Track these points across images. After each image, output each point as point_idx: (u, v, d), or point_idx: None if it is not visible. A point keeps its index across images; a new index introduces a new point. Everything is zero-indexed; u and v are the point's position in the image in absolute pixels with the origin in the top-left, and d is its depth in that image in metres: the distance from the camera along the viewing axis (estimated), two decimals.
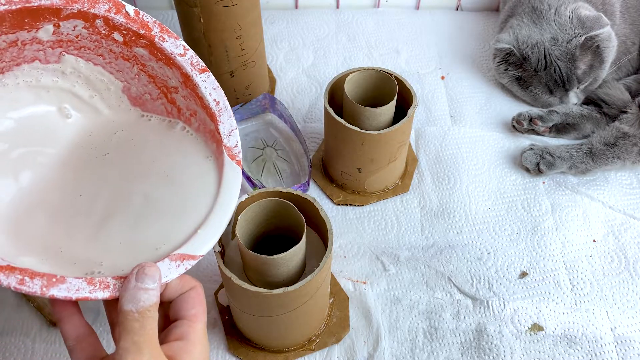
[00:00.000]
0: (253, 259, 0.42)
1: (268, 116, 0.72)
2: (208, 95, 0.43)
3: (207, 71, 0.43)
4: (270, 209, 0.45)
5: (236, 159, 0.43)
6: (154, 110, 0.46)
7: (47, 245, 0.39)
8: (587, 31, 0.65)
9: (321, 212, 0.45)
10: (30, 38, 0.40)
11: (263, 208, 0.44)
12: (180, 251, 0.38)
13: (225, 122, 0.43)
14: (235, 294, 0.44)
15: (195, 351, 0.36)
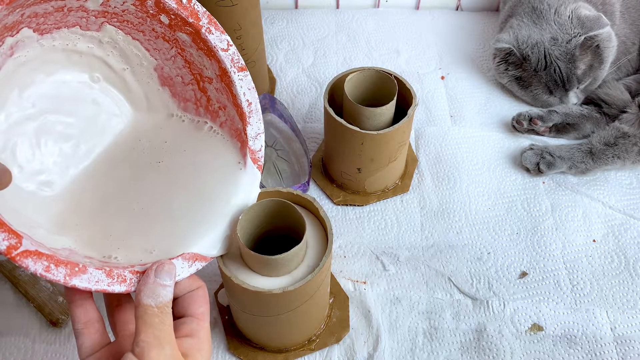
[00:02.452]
0: (254, 259, 0.42)
1: (268, 116, 0.71)
2: (242, 94, 0.43)
3: (246, 70, 0.43)
4: (271, 209, 0.45)
5: (258, 164, 0.43)
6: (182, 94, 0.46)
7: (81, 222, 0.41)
8: (586, 31, 0.65)
9: (321, 212, 0.45)
10: (78, 6, 0.40)
11: (264, 208, 0.44)
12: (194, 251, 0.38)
13: (254, 124, 0.43)
14: (235, 293, 0.44)
15: (205, 349, 0.37)
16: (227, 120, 0.45)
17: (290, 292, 0.41)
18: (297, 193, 0.46)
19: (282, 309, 0.44)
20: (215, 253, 0.40)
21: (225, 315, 0.53)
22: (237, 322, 0.52)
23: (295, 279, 0.43)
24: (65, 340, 0.53)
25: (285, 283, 0.42)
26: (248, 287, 0.41)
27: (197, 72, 0.45)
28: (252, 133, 0.43)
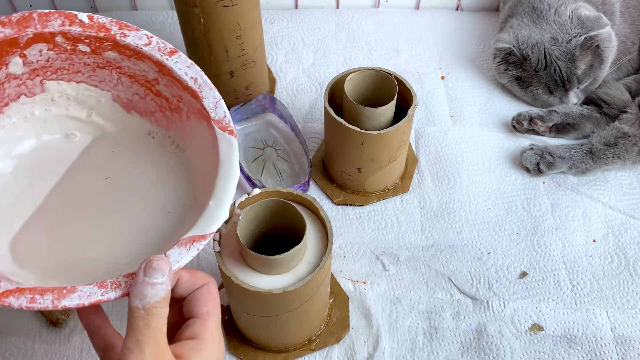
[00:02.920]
0: (254, 258, 0.42)
1: (268, 116, 0.72)
2: (184, 75, 0.42)
3: (177, 52, 0.43)
4: (271, 209, 0.45)
5: (228, 129, 0.42)
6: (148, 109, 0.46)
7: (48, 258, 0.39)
8: (586, 31, 0.65)
9: (321, 212, 0.45)
10: (5, 76, 0.40)
11: (264, 208, 0.45)
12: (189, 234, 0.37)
13: (208, 96, 0.42)
14: (235, 293, 0.44)
15: (206, 349, 0.35)
16: (189, 109, 0.44)
17: (290, 292, 0.41)
18: (297, 193, 0.46)
19: (282, 309, 0.44)
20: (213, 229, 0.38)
21: (225, 316, 0.53)
22: (237, 322, 0.52)
23: (296, 277, 0.43)
24: (65, 340, 0.53)
25: (286, 282, 0.42)
26: (248, 287, 0.41)
27: (143, 80, 0.45)
28: (209, 105, 0.42)
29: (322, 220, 0.45)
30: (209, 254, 0.59)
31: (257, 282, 0.42)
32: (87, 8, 0.88)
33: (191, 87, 0.42)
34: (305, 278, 0.42)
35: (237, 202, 0.45)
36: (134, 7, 0.89)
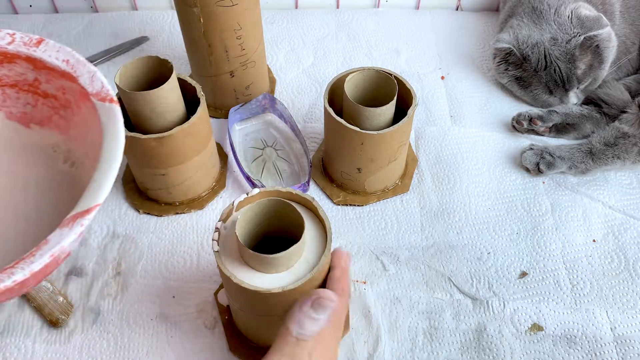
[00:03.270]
0: (252, 257, 0.42)
1: (268, 116, 0.72)
2: (55, 60, 0.41)
3: (43, 40, 0.41)
4: (270, 208, 0.45)
5: (108, 99, 0.40)
6: (44, 116, 0.45)
7: None
8: (586, 31, 0.65)
9: (320, 211, 0.45)
10: None
11: (262, 208, 0.45)
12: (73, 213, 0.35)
13: (83, 72, 0.41)
14: (235, 293, 0.44)
15: None
16: (74, 97, 0.43)
17: (289, 291, 0.41)
18: (296, 192, 0.46)
19: (282, 308, 0.44)
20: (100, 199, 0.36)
21: (225, 316, 0.53)
22: (237, 322, 0.52)
23: (295, 276, 0.43)
24: (65, 340, 0.53)
25: (285, 281, 0.43)
26: (247, 286, 0.41)
27: (26, 86, 0.43)
28: (85, 81, 0.41)
29: (321, 220, 0.45)
30: (209, 254, 0.59)
31: (256, 282, 0.42)
32: (87, 8, 0.89)
33: (65, 70, 0.41)
34: (304, 277, 0.42)
35: (235, 202, 0.45)
36: (134, 7, 0.89)
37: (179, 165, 0.57)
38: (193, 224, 0.61)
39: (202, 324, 0.53)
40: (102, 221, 0.61)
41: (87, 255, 0.58)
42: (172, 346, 0.52)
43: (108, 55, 0.80)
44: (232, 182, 0.65)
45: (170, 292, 0.56)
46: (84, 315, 0.54)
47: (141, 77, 0.55)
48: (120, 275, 0.57)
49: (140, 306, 0.55)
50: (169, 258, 0.58)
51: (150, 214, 0.62)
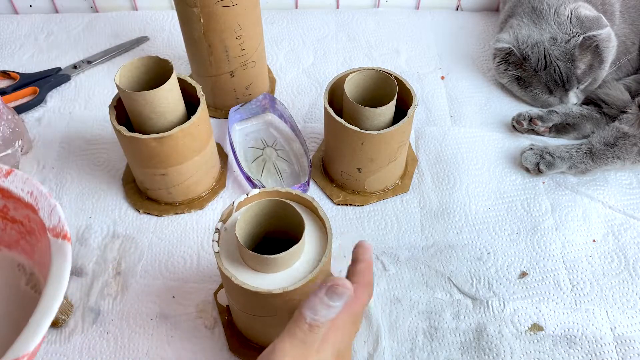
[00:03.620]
0: (252, 258, 0.42)
1: (268, 116, 0.72)
2: (21, 191, 0.44)
3: (13, 171, 0.44)
4: (270, 208, 0.45)
5: (62, 234, 0.42)
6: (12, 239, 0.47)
7: None
8: (585, 31, 0.65)
9: (320, 211, 0.45)
10: None
11: (262, 208, 0.45)
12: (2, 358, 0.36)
13: (44, 205, 0.44)
14: (235, 293, 0.44)
15: None
16: (37, 226, 0.45)
17: (290, 292, 0.41)
18: (296, 193, 0.46)
19: (282, 309, 0.44)
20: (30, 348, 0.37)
21: (225, 316, 0.53)
22: (237, 322, 0.52)
23: (295, 277, 0.43)
24: (65, 340, 0.53)
25: (285, 281, 0.43)
26: (247, 287, 0.41)
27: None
28: (45, 215, 0.43)
29: (322, 220, 0.45)
30: (209, 254, 0.59)
31: (256, 282, 0.42)
32: (87, 8, 0.89)
33: (28, 202, 0.44)
34: (304, 277, 0.42)
35: (235, 202, 0.45)
36: (134, 7, 0.89)
37: (179, 165, 0.57)
38: (193, 224, 0.61)
39: (202, 324, 0.53)
40: (102, 221, 0.61)
41: (87, 255, 0.58)
42: (172, 346, 0.52)
43: (108, 55, 0.80)
44: (232, 182, 0.65)
45: (170, 292, 0.56)
46: (84, 315, 0.54)
47: (141, 77, 0.55)
48: (120, 275, 0.57)
49: (140, 306, 0.55)
50: (169, 258, 0.58)
51: (150, 214, 0.62)
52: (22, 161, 0.67)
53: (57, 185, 0.65)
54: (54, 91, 0.76)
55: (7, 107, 0.64)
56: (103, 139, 0.70)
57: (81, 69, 0.78)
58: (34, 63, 0.80)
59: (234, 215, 0.46)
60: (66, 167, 0.67)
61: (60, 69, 0.78)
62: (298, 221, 0.43)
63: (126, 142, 0.55)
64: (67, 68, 0.78)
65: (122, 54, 0.81)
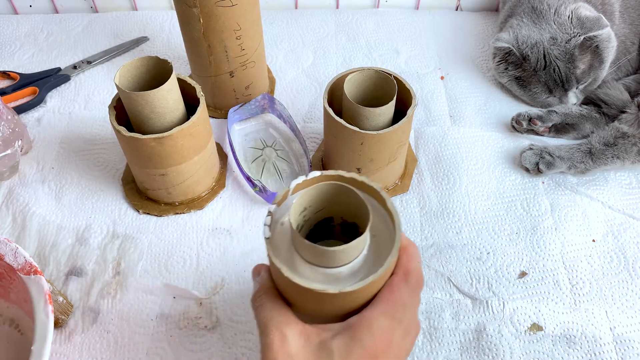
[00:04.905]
0: (308, 249, 0.36)
1: (267, 116, 0.72)
2: None
3: None
4: (330, 194, 0.39)
5: (32, 271, 0.45)
6: None
7: None
8: (586, 31, 0.65)
9: (388, 203, 0.38)
10: None
11: (321, 193, 0.39)
12: None
13: (6, 252, 0.46)
14: (284, 286, 0.39)
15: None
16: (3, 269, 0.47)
17: (348, 293, 0.35)
18: (362, 179, 0.39)
19: (334, 309, 0.38)
20: None
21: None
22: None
23: (354, 273, 0.38)
24: (65, 340, 0.53)
25: (341, 276, 0.38)
26: (299, 282, 0.36)
27: None
28: (10, 258, 0.46)
29: (390, 213, 0.38)
30: (209, 254, 0.59)
31: (309, 276, 0.37)
32: (87, 8, 0.89)
33: None
34: (366, 279, 0.36)
35: (292, 185, 0.39)
36: (134, 7, 0.89)
37: (179, 165, 0.57)
38: (193, 224, 0.61)
39: (202, 324, 0.53)
40: (102, 221, 0.62)
41: (87, 255, 0.59)
42: (172, 346, 0.52)
43: (108, 55, 0.80)
44: (231, 182, 0.65)
45: (170, 292, 0.56)
46: (84, 315, 0.54)
47: (141, 77, 0.55)
48: (120, 275, 0.57)
49: (140, 306, 0.55)
50: (169, 258, 0.58)
51: (149, 214, 0.62)
52: (22, 161, 0.67)
53: (57, 185, 0.65)
54: (53, 91, 0.76)
55: (7, 107, 0.64)
56: (103, 139, 0.70)
57: (81, 69, 0.78)
58: (33, 63, 0.80)
59: (289, 198, 0.40)
60: (66, 167, 0.67)
61: (60, 69, 0.78)
62: (362, 211, 0.37)
63: (126, 142, 0.55)
64: (67, 68, 0.78)
65: (122, 54, 0.82)
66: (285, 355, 0.36)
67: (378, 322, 0.36)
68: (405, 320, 0.37)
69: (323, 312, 0.39)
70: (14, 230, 0.61)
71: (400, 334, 0.37)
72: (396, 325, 0.36)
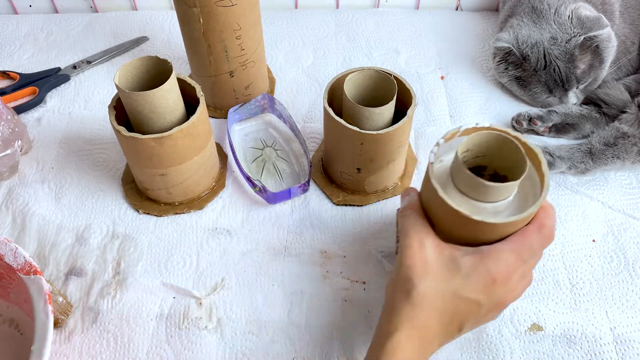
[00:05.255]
0: (468, 179, 0.41)
1: (267, 116, 0.72)
2: None
3: None
4: (493, 143, 0.44)
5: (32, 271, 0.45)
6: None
7: None
8: (586, 31, 0.65)
9: (543, 165, 0.43)
10: None
11: (487, 141, 0.44)
12: None
13: (6, 252, 0.46)
14: (433, 208, 0.44)
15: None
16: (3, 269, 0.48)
17: (510, 223, 0.41)
18: (524, 140, 0.44)
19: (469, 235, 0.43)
20: None
21: None
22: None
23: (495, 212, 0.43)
24: (65, 340, 0.53)
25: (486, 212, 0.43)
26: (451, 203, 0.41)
27: None
28: (9, 258, 0.46)
29: (541, 175, 0.43)
30: (209, 254, 0.59)
31: (457, 202, 0.42)
32: (87, 8, 0.89)
33: None
34: (509, 217, 0.41)
35: (462, 127, 0.46)
36: (134, 7, 0.89)
37: (179, 165, 0.57)
38: (192, 224, 0.61)
39: (203, 324, 0.53)
40: (101, 221, 0.62)
41: (87, 255, 0.58)
42: (172, 346, 0.52)
43: (108, 55, 0.80)
44: (231, 182, 0.65)
45: (170, 292, 0.56)
46: (84, 315, 0.54)
47: (141, 77, 0.55)
48: (120, 275, 0.57)
49: (140, 306, 0.55)
50: (169, 258, 0.58)
51: (149, 214, 0.62)
52: (22, 161, 0.67)
53: (57, 185, 0.65)
54: (53, 91, 0.76)
55: (6, 107, 0.64)
56: (102, 139, 0.70)
57: (81, 69, 0.78)
58: (33, 63, 0.80)
59: (456, 138, 0.46)
60: (66, 167, 0.67)
61: (60, 69, 0.78)
62: (520, 164, 0.42)
63: (125, 142, 0.55)
64: (67, 68, 0.78)
65: (122, 54, 0.82)
66: (421, 260, 0.42)
67: (506, 255, 0.41)
68: (528, 265, 0.42)
69: (460, 235, 0.43)
70: (14, 230, 0.61)
71: (520, 273, 0.42)
72: (520, 264, 0.41)
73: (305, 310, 0.54)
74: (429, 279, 0.41)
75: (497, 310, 0.43)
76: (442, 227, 0.45)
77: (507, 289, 0.42)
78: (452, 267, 0.42)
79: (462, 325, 0.42)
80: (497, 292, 0.42)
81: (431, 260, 0.42)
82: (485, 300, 0.41)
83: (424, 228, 0.44)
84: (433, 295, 0.41)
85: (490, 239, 0.43)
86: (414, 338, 0.40)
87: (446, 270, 0.42)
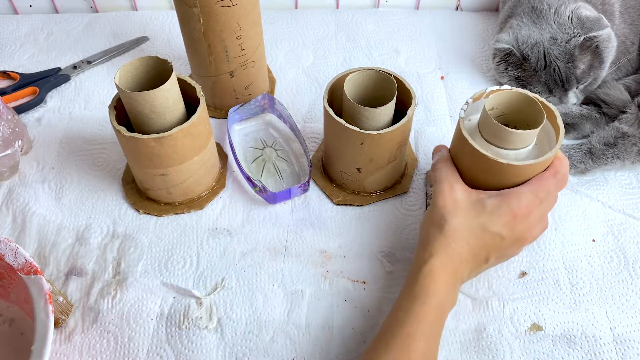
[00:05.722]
0: (495, 128, 0.49)
1: (267, 116, 0.72)
2: None
3: None
4: (515, 102, 0.52)
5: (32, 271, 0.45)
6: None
7: None
8: (586, 32, 0.65)
9: (558, 119, 0.50)
10: None
11: (509, 100, 0.52)
12: None
13: (6, 252, 0.46)
14: (463, 157, 0.52)
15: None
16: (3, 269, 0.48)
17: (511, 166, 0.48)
18: (542, 100, 0.52)
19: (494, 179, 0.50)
20: None
21: None
22: None
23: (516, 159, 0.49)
24: (65, 339, 0.53)
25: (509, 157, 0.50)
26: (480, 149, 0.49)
27: None
28: (10, 258, 0.46)
29: (556, 127, 0.51)
30: (209, 254, 0.59)
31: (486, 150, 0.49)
32: (87, 8, 0.89)
33: None
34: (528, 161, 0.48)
35: (488, 89, 0.53)
36: (134, 7, 0.89)
37: (179, 165, 0.57)
38: (193, 224, 0.61)
39: (203, 324, 0.53)
40: (102, 221, 0.62)
41: (87, 255, 0.59)
42: (172, 346, 0.52)
43: (108, 55, 0.80)
44: (231, 182, 0.65)
45: (170, 292, 0.56)
46: (84, 315, 0.54)
47: (141, 77, 0.55)
48: (120, 275, 0.57)
49: (140, 306, 0.55)
50: (169, 258, 0.58)
51: (150, 214, 0.62)
52: (22, 161, 0.67)
53: (57, 185, 0.65)
54: (53, 91, 0.76)
55: (7, 107, 0.64)
56: (103, 139, 0.70)
57: (81, 69, 0.78)
58: (33, 63, 0.80)
59: (482, 100, 0.53)
60: (66, 167, 0.67)
61: (60, 69, 0.78)
62: (538, 118, 0.49)
63: (126, 142, 0.55)
64: (67, 68, 0.78)
65: (122, 54, 0.82)
66: (452, 199, 0.50)
67: (525, 195, 0.49)
68: (544, 205, 0.50)
69: (486, 181, 0.51)
70: (14, 230, 0.61)
71: (538, 211, 0.49)
72: (537, 204, 0.49)
73: (305, 310, 0.54)
74: (459, 215, 0.49)
75: (518, 245, 0.50)
76: (470, 176, 0.52)
77: (526, 225, 0.49)
78: (478, 207, 0.49)
79: (488, 255, 0.49)
80: (517, 227, 0.49)
81: (461, 200, 0.50)
82: (507, 233, 0.48)
83: (454, 176, 0.52)
84: (462, 229, 0.48)
85: (512, 182, 0.50)
86: (447, 262, 0.47)
87: (473, 209, 0.49)
